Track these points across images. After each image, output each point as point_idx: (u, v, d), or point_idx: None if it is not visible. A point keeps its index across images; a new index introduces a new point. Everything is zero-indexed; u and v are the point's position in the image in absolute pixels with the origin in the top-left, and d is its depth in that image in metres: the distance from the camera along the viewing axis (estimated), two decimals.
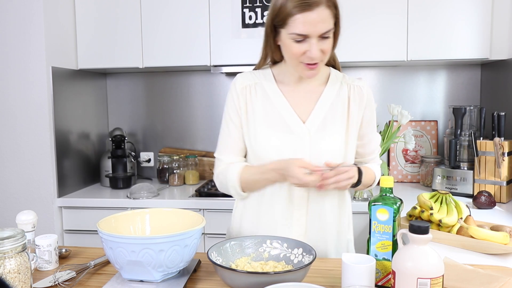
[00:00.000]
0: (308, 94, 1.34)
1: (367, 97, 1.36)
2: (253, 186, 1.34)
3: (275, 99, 1.33)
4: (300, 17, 1.16)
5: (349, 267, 0.98)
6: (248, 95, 1.35)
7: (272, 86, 1.35)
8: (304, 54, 1.21)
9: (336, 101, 1.34)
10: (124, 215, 1.21)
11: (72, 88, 2.52)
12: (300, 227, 1.32)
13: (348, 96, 1.35)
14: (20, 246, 0.99)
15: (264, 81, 1.36)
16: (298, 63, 1.24)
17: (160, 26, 2.47)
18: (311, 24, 1.16)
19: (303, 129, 1.30)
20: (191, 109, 2.87)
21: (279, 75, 1.36)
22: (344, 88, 1.35)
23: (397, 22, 2.31)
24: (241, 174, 1.32)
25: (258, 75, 1.37)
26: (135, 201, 2.33)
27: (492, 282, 1.07)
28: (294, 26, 1.18)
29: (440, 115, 2.68)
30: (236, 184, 1.33)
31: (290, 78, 1.34)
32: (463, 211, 1.58)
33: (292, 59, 1.24)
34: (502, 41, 2.27)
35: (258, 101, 1.34)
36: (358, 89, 1.35)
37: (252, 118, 1.33)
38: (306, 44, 1.19)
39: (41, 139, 2.31)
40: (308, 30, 1.17)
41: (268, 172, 1.28)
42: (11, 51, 2.29)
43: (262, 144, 1.31)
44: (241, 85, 1.35)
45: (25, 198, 2.35)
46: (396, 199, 1.05)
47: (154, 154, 2.91)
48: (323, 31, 1.18)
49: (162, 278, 1.08)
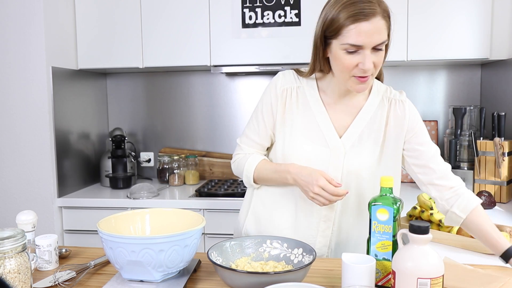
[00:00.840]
0: (348, 108, 1.30)
1: (409, 111, 1.29)
2: (266, 181, 1.34)
3: (315, 108, 1.29)
4: (355, 27, 1.11)
5: (349, 267, 0.98)
6: (288, 98, 1.31)
7: (314, 94, 1.30)
8: (356, 67, 1.15)
9: (374, 116, 1.29)
10: (124, 215, 1.21)
11: (72, 88, 2.52)
12: (325, 238, 1.30)
13: (387, 112, 1.29)
14: (20, 246, 0.99)
15: (306, 87, 1.31)
16: (349, 77, 1.18)
17: (160, 26, 2.47)
18: (367, 34, 1.11)
19: (338, 144, 1.27)
20: (191, 109, 2.87)
21: (323, 85, 1.31)
22: (385, 103, 1.30)
23: (397, 22, 2.31)
24: (258, 167, 1.32)
25: (301, 79, 1.33)
26: (135, 201, 2.33)
27: (492, 282, 1.07)
28: (348, 37, 1.12)
29: (440, 115, 2.68)
30: (250, 175, 1.33)
31: (334, 90, 1.29)
32: None
33: (343, 72, 1.18)
34: (502, 41, 2.27)
35: (298, 107, 1.30)
36: (399, 104, 1.29)
37: (290, 122, 1.30)
38: (359, 56, 1.14)
39: (41, 139, 2.31)
40: (363, 41, 1.12)
41: (283, 172, 1.26)
42: (11, 51, 2.29)
43: (296, 152, 1.28)
44: (283, 87, 1.31)
45: (25, 198, 2.35)
46: (396, 199, 1.04)
47: (154, 154, 2.91)
48: (378, 42, 1.13)
49: (162, 278, 1.08)
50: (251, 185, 1.37)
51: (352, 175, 1.26)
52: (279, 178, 1.29)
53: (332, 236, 1.31)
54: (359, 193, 1.29)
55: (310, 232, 1.31)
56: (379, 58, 1.16)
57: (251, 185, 1.37)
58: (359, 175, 1.26)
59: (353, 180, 1.27)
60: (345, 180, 1.27)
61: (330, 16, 1.15)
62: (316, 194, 1.19)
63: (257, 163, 1.33)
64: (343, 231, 1.31)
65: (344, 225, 1.30)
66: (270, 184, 1.35)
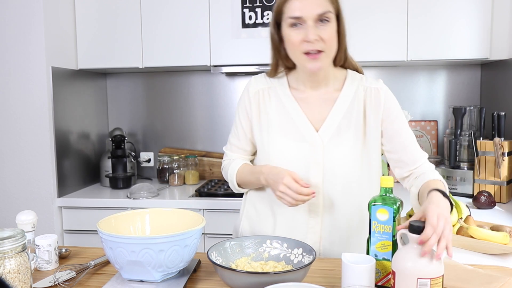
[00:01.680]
0: (322, 101, 1.30)
1: (385, 101, 1.28)
2: (247, 184, 1.37)
3: (288, 105, 1.30)
4: (293, 1, 1.17)
5: (349, 267, 0.98)
6: (261, 100, 1.33)
7: (286, 92, 1.32)
8: (303, 42, 1.18)
9: (351, 107, 1.28)
10: (124, 215, 1.21)
11: (72, 88, 2.52)
12: (315, 234, 1.30)
13: (364, 101, 1.28)
14: (20, 246, 0.99)
15: (278, 86, 1.33)
16: (299, 55, 1.20)
17: (160, 26, 2.47)
18: (305, 5, 1.16)
19: (316, 138, 1.27)
20: (191, 109, 2.87)
21: (293, 81, 1.33)
22: (360, 91, 1.29)
23: (397, 22, 2.31)
24: (239, 171, 1.35)
25: (272, 80, 1.35)
26: (135, 201, 2.33)
27: (492, 282, 1.07)
28: (289, 11, 1.18)
29: (440, 115, 2.68)
30: (233, 180, 1.37)
31: (304, 83, 1.30)
32: (463, 211, 1.58)
33: (293, 50, 1.21)
34: (502, 41, 2.27)
35: (272, 107, 1.32)
36: (375, 92, 1.28)
37: (266, 123, 1.32)
38: (303, 30, 1.17)
39: (41, 139, 2.31)
40: (300, 12, 1.16)
41: (257, 173, 1.29)
42: (11, 51, 2.29)
43: (275, 152, 1.30)
44: (254, 89, 1.34)
45: (25, 198, 2.35)
46: (396, 199, 1.04)
47: (154, 154, 2.91)
48: (317, 12, 1.16)
49: (162, 278, 1.08)
50: (238, 189, 1.39)
51: (334, 169, 1.26)
52: (254, 179, 1.31)
53: (322, 233, 1.30)
54: (343, 186, 1.28)
55: (299, 229, 1.31)
56: (327, 31, 1.18)
57: (238, 190, 1.40)
58: (341, 168, 1.26)
59: (336, 173, 1.27)
60: (328, 173, 1.27)
61: (276, 2, 1.22)
62: (282, 193, 1.19)
63: (238, 168, 1.36)
64: (332, 227, 1.30)
65: (332, 220, 1.30)
66: (252, 187, 1.38)
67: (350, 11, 2.32)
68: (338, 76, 1.32)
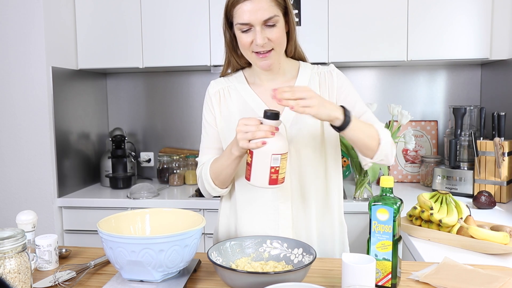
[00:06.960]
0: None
1: (337, 77, 1.35)
2: (220, 171, 1.31)
3: (248, 98, 1.35)
4: (239, 7, 1.21)
5: (349, 267, 0.98)
6: (222, 98, 1.38)
7: (245, 87, 1.37)
8: (252, 44, 1.23)
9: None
10: (124, 215, 1.21)
11: (72, 88, 2.53)
12: (286, 219, 1.32)
13: (319, 83, 1.35)
14: (20, 246, 0.99)
15: (237, 84, 1.38)
16: (250, 54, 1.26)
17: (160, 26, 2.47)
18: (250, 13, 1.19)
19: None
20: (191, 109, 2.87)
21: (250, 77, 1.39)
22: (315, 77, 1.36)
23: (397, 22, 2.31)
24: (210, 166, 1.33)
25: (231, 79, 1.40)
26: (135, 201, 2.33)
27: (492, 282, 1.07)
28: (238, 17, 1.22)
29: (440, 115, 2.68)
30: (208, 178, 1.33)
31: (260, 77, 1.36)
32: (463, 211, 1.58)
33: (244, 50, 1.27)
34: (502, 41, 2.27)
35: (233, 102, 1.37)
36: (328, 74, 1.35)
37: (228, 120, 1.36)
38: (252, 34, 1.22)
39: (41, 139, 2.31)
40: (248, 18, 1.20)
41: (226, 150, 1.27)
42: (11, 51, 2.29)
43: None
44: (214, 90, 1.40)
45: (25, 198, 2.35)
46: (396, 199, 1.05)
47: (154, 154, 2.91)
48: (264, 18, 1.20)
49: (162, 278, 1.08)
50: (213, 188, 1.34)
51: (301, 150, 1.30)
52: (226, 157, 1.27)
53: (294, 217, 1.33)
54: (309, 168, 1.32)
55: (272, 217, 1.32)
56: (275, 33, 1.22)
57: (215, 189, 1.35)
58: (305, 149, 1.30)
59: (301, 155, 1.31)
60: (294, 157, 1.30)
61: (226, 3, 1.26)
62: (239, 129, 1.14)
63: (209, 164, 1.34)
64: (303, 211, 1.33)
65: (302, 204, 1.33)
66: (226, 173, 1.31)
67: (350, 12, 2.33)
68: (292, 65, 1.38)
